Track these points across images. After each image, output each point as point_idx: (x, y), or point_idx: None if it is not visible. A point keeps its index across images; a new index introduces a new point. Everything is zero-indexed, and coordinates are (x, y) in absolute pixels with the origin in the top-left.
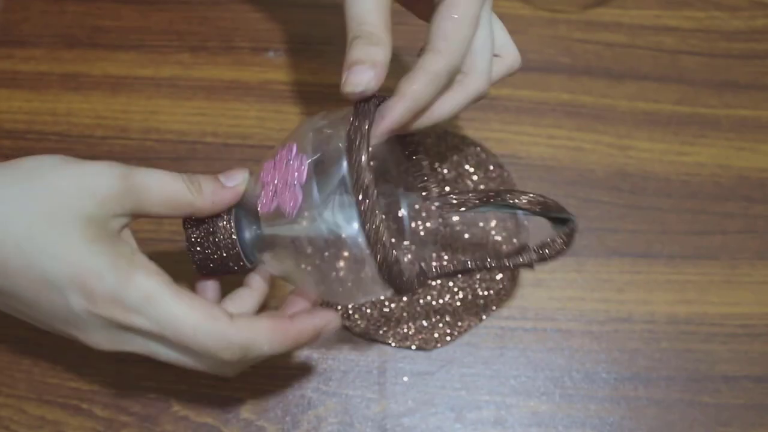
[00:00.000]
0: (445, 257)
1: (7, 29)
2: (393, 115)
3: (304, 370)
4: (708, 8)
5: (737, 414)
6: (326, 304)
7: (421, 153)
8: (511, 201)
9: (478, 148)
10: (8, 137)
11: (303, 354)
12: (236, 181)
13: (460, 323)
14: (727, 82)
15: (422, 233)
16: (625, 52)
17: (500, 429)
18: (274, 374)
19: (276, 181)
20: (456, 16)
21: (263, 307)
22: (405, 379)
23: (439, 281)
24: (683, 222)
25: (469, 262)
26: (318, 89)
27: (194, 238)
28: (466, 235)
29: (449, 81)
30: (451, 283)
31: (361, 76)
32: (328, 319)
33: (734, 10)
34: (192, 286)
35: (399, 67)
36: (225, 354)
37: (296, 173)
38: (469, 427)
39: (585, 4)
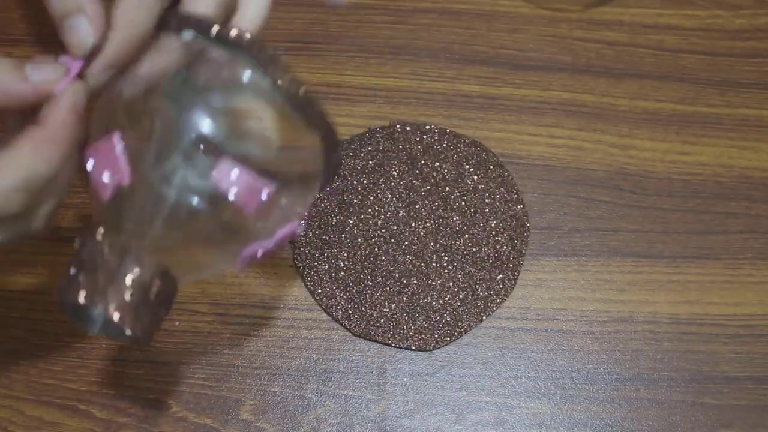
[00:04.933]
0: None
1: (5, 28)
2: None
3: (304, 371)
4: (710, 7)
5: (739, 415)
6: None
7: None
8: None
9: (479, 148)
10: None
11: (302, 355)
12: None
13: (460, 324)
14: (729, 81)
15: None
16: (626, 51)
17: (501, 430)
18: (274, 375)
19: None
20: None
21: None
22: (405, 379)
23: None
24: (685, 222)
25: None
26: (318, 89)
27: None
28: None
29: None
30: (451, 284)
31: (79, 33)
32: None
33: (737, 8)
34: None
35: (399, 65)
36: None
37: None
38: (469, 429)
39: (586, 3)
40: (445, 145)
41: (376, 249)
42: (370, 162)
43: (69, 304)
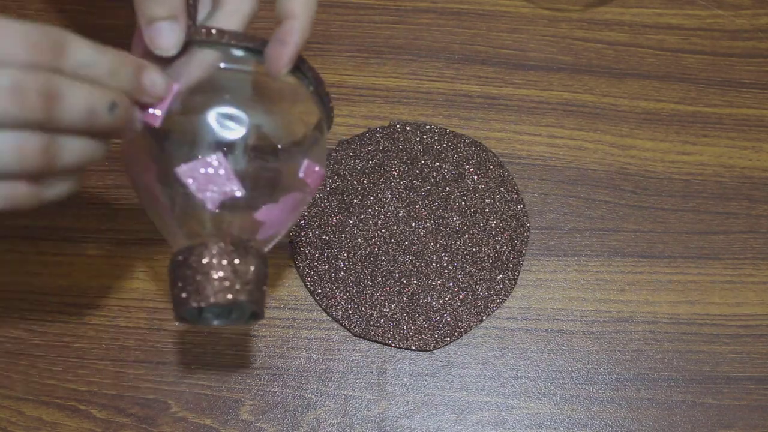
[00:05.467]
0: None
1: None
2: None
3: (304, 371)
4: (710, 6)
5: (740, 415)
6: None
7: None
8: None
9: (479, 148)
10: None
11: (302, 355)
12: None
13: (460, 324)
14: (729, 81)
15: None
16: (626, 51)
17: (501, 430)
18: (274, 375)
19: None
20: None
21: None
22: (405, 379)
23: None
24: (685, 222)
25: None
26: None
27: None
28: None
29: None
30: (451, 284)
31: (167, 37)
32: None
33: (737, 8)
34: None
35: (399, 65)
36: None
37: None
38: (469, 429)
39: (586, 2)
40: (445, 145)
41: (376, 249)
42: (370, 162)
43: (194, 309)
